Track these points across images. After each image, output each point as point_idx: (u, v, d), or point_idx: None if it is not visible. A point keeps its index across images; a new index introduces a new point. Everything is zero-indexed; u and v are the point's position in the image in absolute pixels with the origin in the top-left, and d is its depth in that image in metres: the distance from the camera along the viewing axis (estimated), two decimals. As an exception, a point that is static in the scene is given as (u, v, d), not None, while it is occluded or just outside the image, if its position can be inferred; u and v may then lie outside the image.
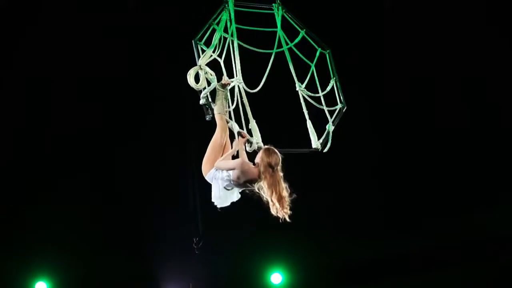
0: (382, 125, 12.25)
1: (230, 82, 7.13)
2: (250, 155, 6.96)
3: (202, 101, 7.00)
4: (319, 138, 7.57)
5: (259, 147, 7.00)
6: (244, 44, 7.48)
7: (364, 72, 11.85)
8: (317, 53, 7.91)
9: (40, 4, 11.42)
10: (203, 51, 7.12)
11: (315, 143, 7.55)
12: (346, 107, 7.80)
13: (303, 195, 6.76)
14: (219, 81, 7.06)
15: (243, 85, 7.30)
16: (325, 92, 7.80)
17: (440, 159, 12.34)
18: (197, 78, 7.00)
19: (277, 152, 6.63)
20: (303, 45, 7.91)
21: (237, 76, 7.27)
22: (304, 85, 7.74)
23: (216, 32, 7.25)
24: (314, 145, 7.55)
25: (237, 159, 6.73)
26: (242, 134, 7.00)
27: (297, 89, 7.71)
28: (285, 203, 6.51)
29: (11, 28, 11.42)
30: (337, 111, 7.79)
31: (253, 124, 7.15)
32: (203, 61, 7.04)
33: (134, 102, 11.98)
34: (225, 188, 6.70)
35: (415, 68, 12.13)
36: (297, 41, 7.84)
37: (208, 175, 6.76)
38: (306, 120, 7.62)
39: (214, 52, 7.20)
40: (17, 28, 11.43)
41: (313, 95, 7.74)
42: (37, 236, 11.79)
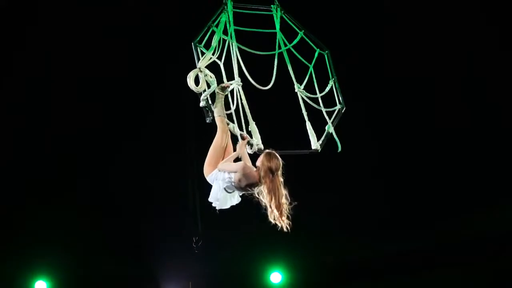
0: (382, 125, 12.24)
1: (229, 85, 7.12)
2: (251, 157, 6.95)
3: (202, 104, 6.99)
4: (318, 139, 7.57)
5: (259, 149, 7.00)
6: (243, 46, 7.45)
7: (363, 72, 11.84)
8: (316, 54, 7.90)
9: (40, 4, 11.40)
10: (202, 54, 7.12)
11: (314, 144, 7.54)
12: (345, 108, 7.79)
13: (302, 194, 6.74)
14: (219, 83, 7.05)
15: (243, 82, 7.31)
16: (324, 93, 7.79)
17: (440, 159, 12.34)
18: (197, 81, 7.00)
19: (279, 157, 6.58)
20: (302, 46, 7.91)
21: (236, 78, 7.24)
22: (303, 86, 7.73)
23: (215, 34, 7.24)
24: (313, 146, 7.54)
25: (239, 162, 6.71)
26: (243, 136, 6.99)
27: (296, 91, 7.70)
28: (283, 211, 6.44)
29: (11, 28, 11.40)
30: (336, 112, 7.77)
31: (253, 126, 7.12)
32: (202, 63, 7.03)
33: (134, 102, 11.98)
34: (225, 190, 6.69)
35: (415, 68, 12.12)
36: (295, 42, 7.84)
37: (210, 176, 6.76)
38: (305, 121, 7.60)
39: (213, 54, 7.18)
40: (17, 28, 11.42)
41: (312, 96, 7.73)
42: (37, 236, 11.80)
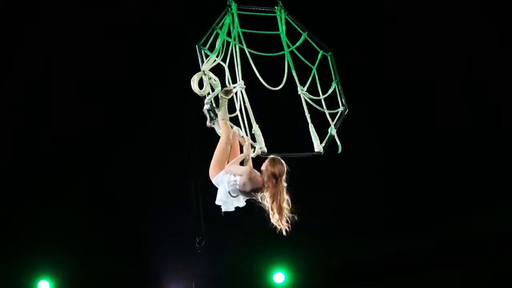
0: (382, 125, 12.24)
1: (233, 89, 7.11)
2: (256, 160, 6.95)
3: (206, 107, 6.98)
4: (321, 142, 7.56)
5: (262, 151, 7.00)
6: (246, 48, 7.43)
7: (363, 73, 11.83)
8: (319, 56, 7.88)
9: (40, 4, 11.36)
10: (206, 56, 7.08)
11: (317, 146, 7.52)
12: (348, 110, 7.79)
13: (305, 195, 6.74)
14: (223, 86, 7.03)
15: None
16: (326, 95, 7.77)
17: (440, 159, 12.35)
18: (200, 84, 6.96)
19: (283, 162, 6.58)
20: (306, 48, 7.90)
21: (239, 81, 7.24)
22: (306, 88, 7.72)
23: (219, 37, 7.20)
24: (316, 149, 7.52)
25: (245, 166, 6.71)
26: (242, 140, 6.99)
27: (299, 93, 7.68)
28: (284, 215, 6.45)
29: (11, 28, 11.37)
30: (339, 114, 7.74)
31: (256, 129, 7.12)
32: (207, 66, 6.99)
33: (134, 102, 11.95)
34: (229, 194, 6.69)
35: (415, 68, 12.12)
36: (299, 43, 7.82)
37: (215, 178, 6.76)
38: (308, 123, 7.58)
39: (217, 57, 7.15)
40: (17, 28, 11.39)
41: (315, 98, 7.71)
42: (39, 236, 11.78)
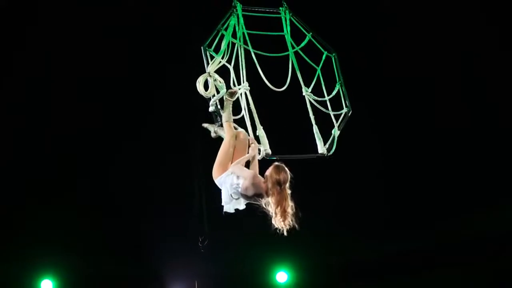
0: (382, 125, 12.25)
1: (238, 90, 7.08)
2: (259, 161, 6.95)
3: (211, 109, 6.96)
4: (325, 143, 7.55)
5: (267, 153, 6.99)
6: (252, 49, 7.41)
7: (364, 73, 11.83)
8: (323, 57, 7.87)
9: (40, 4, 11.34)
10: (212, 58, 7.06)
11: (321, 148, 7.51)
12: (351, 111, 7.79)
13: (307, 195, 6.74)
14: (228, 87, 7.01)
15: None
16: (331, 96, 7.75)
17: (440, 159, 12.36)
18: (206, 85, 6.94)
19: (287, 170, 6.55)
20: (309, 48, 7.89)
21: (244, 83, 7.22)
22: (310, 89, 7.70)
23: (224, 38, 7.18)
24: (320, 151, 7.50)
25: (250, 171, 6.68)
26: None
27: (303, 94, 7.66)
28: (287, 217, 6.46)
29: (11, 28, 11.34)
30: (342, 116, 7.73)
31: (261, 131, 7.10)
32: (212, 68, 6.98)
33: (134, 102, 11.94)
34: (231, 196, 6.68)
35: (415, 68, 12.13)
36: (303, 44, 7.80)
37: (219, 179, 6.73)
38: (312, 125, 7.55)
39: (222, 58, 7.13)
40: (17, 28, 11.36)
41: (319, 99, 7.69)
42: (42, 236, 11.77)
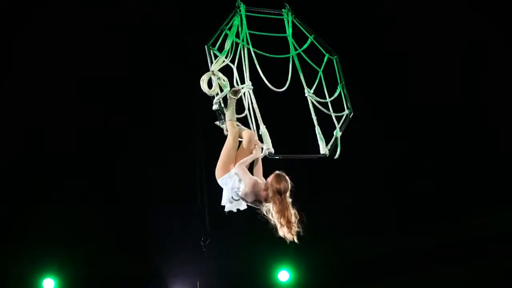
0: (382, 125, 12.26)
1: (241, 89, 7.11)
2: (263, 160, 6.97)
3: (215, 107, 6.98)
4: (327, 144, 7.58)
5: (269, 152, 7.02)
6: (253, 49, 7.42)
7: (368, 75, 11.85)
8: (325, 59, 7.91)
9: (40, 4, 11.33)
10: (215, 57, 7.09)
11: (323, 149, 7.56)
12: (352, 113, 7.81)
13: (310, 195, 6.75)
14: (231, 87, 7.04)
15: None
16: (332, 98, 7.79)
17: (440, 159, 12.38)
18: (210, 84, 6.97)
19: (288, 179, 6.55)
20: (311, 50, 7.91)
21: (247, 82, 7.25)
22: (313, 91, 7.73)
23: (228, 37, 7.21)
24: (322, 151, 7.56)
25: (252, 178, 6.63)
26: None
27: (306, 95, 7.70)
28: (293, 228, 6.46)
29: (11, 28, 11.33)
30: (344, 117, 7.78)
31: (264, 130, 7.12)
32: (216, 66, 7.01)
33: (134, 102, 11.93)
34: (232, 198, 6.70)
35: (415, 68, 12.15)
36: (305, 46, 7.83)
37: (221, 179, 6.74)
38: (314, 126, 7.60)
39: (226, 58, 7.16)
40: (17, 28, 11.35)
41: (321, 100, 7.73)
42: (44, 235, 11.80)
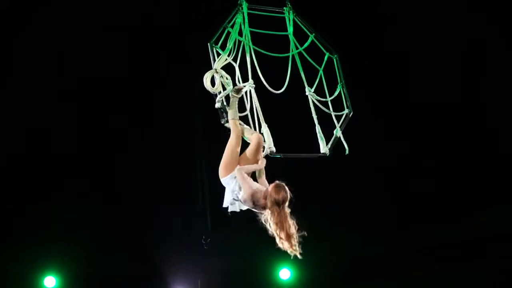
0: (383, 126, 12.27)
1: (243, 87, 7.11)
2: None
3: (217, 105, 6.98)
4: (327, 143, 7.58)
5: (271, 151, 7.02)
6: (253, 47, 7.41)
7: (368, 74, 11.85)
8: (325, 58, 7.91)
9: (40, 4, 11.33)
10: (218, 54, 7.09)
11: (323, 148, 7.56)
12: (352, 113, 7.81)
13: (311, 194, 6.73)
14: (233, 85, 7.04)
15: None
16: (333, 97, 7.80)
17: (440, 159, 12.39)
18: (212, 82, 6.97)
19: (287, 190, 6.54)
20: (312, 49, 7.91)
21: (249, 80, 7.23)
22: (313, 90, 7.73)
23: (230, 35, 7.21)
24: (322, 150, 7.57)
25: (251, 188, 6.60)
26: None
27: (306, 94, 7.70)
28: (293, 241, 6.43)
29: (11, 28, 11.33)
30: (344, 116, 7.79)
31: (265, 129, 7.13)
32: (218, 64, 7.01)
33: (134, 102, 11.94)
34: (233, 200, 6.73)
35: (415, 68, 12.15)
36: (306, 45, 7.83)
37: (224, 179, 6.76)
38: (315, 125, 7.61)
39: (228, 56, 7.16)
40: (17, 28, 11.35)
41: (322, 99, 7.73)
42: (47, 235, 11.82)
